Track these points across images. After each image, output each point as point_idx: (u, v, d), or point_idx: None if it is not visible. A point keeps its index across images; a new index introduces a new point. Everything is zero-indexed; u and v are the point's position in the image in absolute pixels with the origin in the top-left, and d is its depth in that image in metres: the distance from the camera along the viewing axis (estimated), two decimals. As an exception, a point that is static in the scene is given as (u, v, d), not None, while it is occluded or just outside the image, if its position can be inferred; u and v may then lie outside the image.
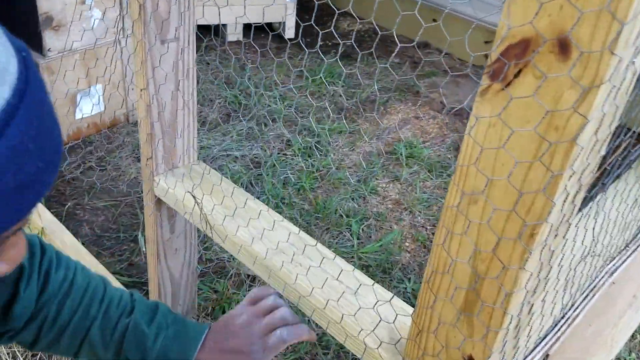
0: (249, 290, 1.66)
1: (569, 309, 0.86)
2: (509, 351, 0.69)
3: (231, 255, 1.67)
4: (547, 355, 0.80)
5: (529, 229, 0.55)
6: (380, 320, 0.77)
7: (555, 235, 0.59)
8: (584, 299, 0.89)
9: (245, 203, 0.94)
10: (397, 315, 0.76)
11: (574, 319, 0.86)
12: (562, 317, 0.84)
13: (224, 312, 1.62)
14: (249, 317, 0.78)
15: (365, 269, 1.81)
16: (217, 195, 0.97)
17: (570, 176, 0.53)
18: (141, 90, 0.90)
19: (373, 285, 0.81)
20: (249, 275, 1.71)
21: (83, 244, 1.74)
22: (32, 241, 0.74)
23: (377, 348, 0.76)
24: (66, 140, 2.08)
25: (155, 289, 1.20)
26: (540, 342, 0.80)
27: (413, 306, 0.73)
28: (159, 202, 1.03)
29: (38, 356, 1.42)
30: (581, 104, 0.48)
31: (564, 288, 0.76)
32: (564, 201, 0.55)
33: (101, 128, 2.16)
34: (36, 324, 0.74)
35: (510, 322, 0.62)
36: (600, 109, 0.49)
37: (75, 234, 1.77)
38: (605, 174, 0.64)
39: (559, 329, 0.83)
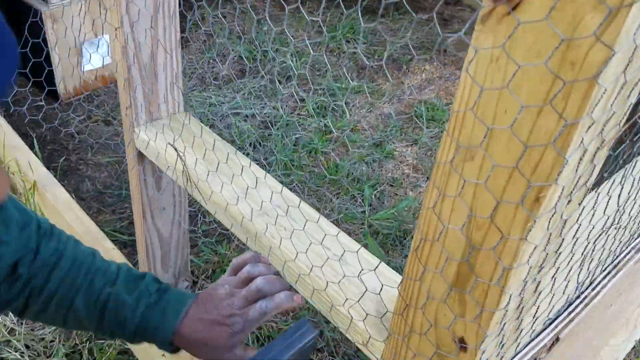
0: (252, 254, 1.60)
1: (587, 288, 0.76)
2: (510, 333, 0.60)
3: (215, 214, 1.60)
4: (558, 339, 0.70)
5: (533, 192, 0.45)
6: (365, 291, 0.68)
7: (569, 202, 0.49)
8: (605, 276, 0.78)
9: (228, 157, 0.85)
10: (382, 286, 0.67)
11: (592, 299, 0.76)
12: (578, 297, 0.74)
13: (225, 275, 1.56)
14: (230, 289, 0.76)
15: (375, 236, 1.72)
16: (199, 149, 0.88)
17: (589, 127, 0.42)
18: (115, 29, 0.81)
19: (358, 251, 0.72)
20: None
21: (84, 199, 1.69)
22: (29, 215, 0.76)
23: (363, 321, 0.68)
24: (72, 93, 2.02)
25: (143, 250, 1.13)
26: (550, 324, 0.70)
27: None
28: (140, 155, 0.96)
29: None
30: (605, 31, 0.37)
31: (581, 264, 0.66)
32: (580, 159, 0.45)
33: (108, 81, 2.09)
34: (25, 294, 0.75)
35: (509, 302, 0.52)
36: (631, 38, 0.38)
37: (77, 189, 1.72)
38: (637, 129, 0.53)
39: (573, 310, 0.73)
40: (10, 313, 1.34)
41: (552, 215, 0.48)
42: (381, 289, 0.67)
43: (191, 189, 0.86)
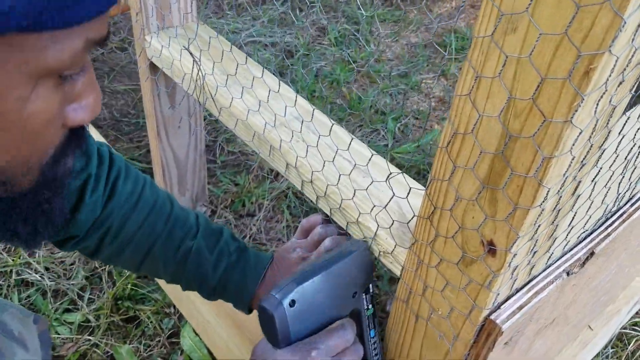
0: (270, 186, 1.57)
1: (626, 203, 0.71)
2: (543, 241, 0.55)
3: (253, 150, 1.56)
4: (592, 253, 0.65)
5: (583, 63, 0.39)
6: (392, 196, 0.64)
7: (620, 83, 0.43)
8: (647, 192, 0.72)
9: (246, 61, 0.80)
10: (410, 189, 0.62)
11: (630, 215, 0.71)
12: (617, 211, 0.69)
13: (243, 205, 1.54)
14: (302, 252, 0.74)
15: (399, 169, 1.67)
16: (214, 56, 0.83)
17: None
18: None
19: (372, 157, 0.68)
20: (272, 170, 1.61)
21: (101, 127, 1.67)
22: (101, 150, 0.71)
23: (389, 228, 0.64)
24: (89, 20, 1.97)
25: (159, 171, 1.10)
26: (585, 237, 0.66)
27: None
28: (153, 66, 0.91)
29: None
30: None
31: (623, 170, 0.60)
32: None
33: (126, 9, 2.03)
34: (99, 233, 0.72)
35: (546, 200, 0.47)
36: None
37: (94, 117, 1.69)
38: None
39: (610, 224, 0.68)
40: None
41: (602, 96, 0.42)
42: (409, 192, 0.63)
43: (205, 100, 0.82)
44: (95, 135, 1.36)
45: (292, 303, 0.60)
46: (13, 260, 1.31)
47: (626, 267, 0.95)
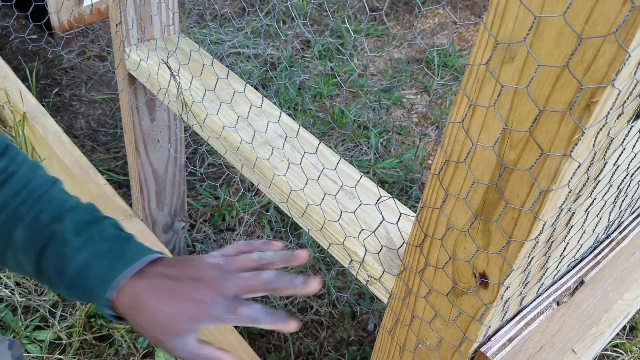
0: (251, 199, 1.54)
1: (614, 229, 0.70)
2: (535, 272, 0.54)
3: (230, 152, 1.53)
4: (582, 282, 0.64)
5: (584, 96, 0.38)
6: (382, 221, 0.62)
7: (620, 114, 0.42)
8: (635, 218, 0.72)
9: (228, 75, 0.78)
10: (400, 214, 0.60)
11: (618, 243, 0.70)
12: (606, 238, 0.68)
13: (223, 219, 1.50)
14: (225, 261, 0.58)
15: (381, 185, 1.66)
16: (194, 71, 0.80)
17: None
18: None
19: (359, 180, 0.66)
20: (252, 184, 1.58)
21: (77, 137, 1.62)
22: None
23: (378, 254, 0.62)
24: (67, 27, 1.92)
25: (137, 186, 1.07)
26: (575, 265, 0.65)
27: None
28: (131, 79, 0.88)
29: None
30: None
31: (615, 199, 0.59)
32: (645, 58, 0.38)
33: (105, 16, 1.99)
34: None
35: (541, 233, 0.46)
36: None
37: (70, 126, 1.65)
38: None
39: (599, 252, 0.67)
40: None
41: (601, 129, 0.41)
42: (399, 218, 0.61)
43: (185, 114, 0.79)
44: (70, 145, 1.31)
45: None
46: (-19, 275, 1.26)
47: (610, 291, 0.94)
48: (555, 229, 0.49)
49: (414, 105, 1.91)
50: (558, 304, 0.61)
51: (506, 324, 0.57)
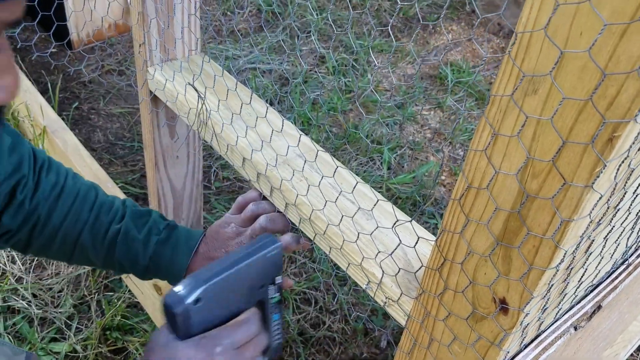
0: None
1: (632, 254, 0.70)
2: (554, 298, 0.54)
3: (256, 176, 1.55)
4: (600, 307, 0.64)
5: (607, 130, 0.38)
6: (399, 244, 0.63)
7: (641, 147, 0.43)
8: (653, 244, 0.72)
9: (251, 99, 0.79)
10: (419, 238, 0.61)
11: (636, 267, 0.70)
12: (623, 262, 0.68)
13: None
14: (236, 227, 0.76)
15: (393, 201, 1.66)
16: (219, 93, 0.82)
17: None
18: (130, -46, 0.75)
19: (376, 204, 0.67)
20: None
21: (95, 150, 1.65)
22: (20, 140, 0.74)
23: (395, 276, 0.62)
24: (85, 40, 1.96)
25: (155, 201, 1.08)
26: (592, 290, 0.65)
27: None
28: (154, 99, 0.90)
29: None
30: None
31: (633, 225, 0.60)
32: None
33: (123, 30, 2.02)
34: (28, 226, 0.73)
35: (563, 261, 0.46)
36: None
37: (88, 139, 1.67)
38: None
39: (616, 277, 0.67)
40: (17, 257, 1.31)
41: (622, 162, 0.42)
42: (417, 241, 0.61)
43: (209, 136, 0.80)
44: (89, 159, 1.34)
45: (197, 301, 0.58)
46: (0, 286, 1.28)
47: (626, 314, 0.94)
48: (575, 256, 0.49)
49: (427, 121, 1.92)
50: (575, 328, 0.61)
51: (524, 349, 0.58)
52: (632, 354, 1.34)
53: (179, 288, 0.58)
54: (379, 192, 1.71)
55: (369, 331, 1.33)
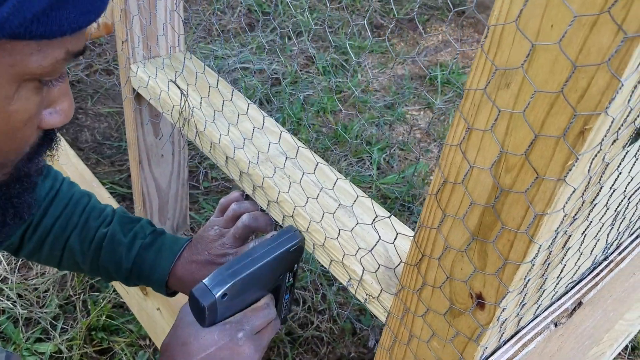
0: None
1: (613, 251, 0.70)
2: (532, 293, 0.54)
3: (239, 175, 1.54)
4: (580, 303, 0.64)
5: (578, 123, 0.38)
6: (379, 240, 0.62)
7: (614, 141, 0.43)
8: (633, 240, 0.72)
9: (232, 96, 0.79)
10: (397, 234, 0.61)
11: (617, 264, 0.70)
12: (605, 259, 0.68)
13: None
14: (219, 229, 0.77)
15: (383, 200, 1.66)
16: (201, 89, 0.81)
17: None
18: (111, -50, 0.74)
19: (356, 199, 0.66)
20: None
21: (82, 149, 1.64)
22: None
23: (375, 272, 0.62)
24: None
25: (139, 200, 1.08)
26: (573, 287, 0.65)
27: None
28: (138, 96, 0.89)
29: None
30: None
31: (612, 221, 0.60)
32: (635, 86, 0.38)
33: (112, 30, 2.01)
34: (21, 229, 0.75)
35: (537, 255, 0.46)
36: None
37: (75, 139, 1.66)
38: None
39: (598, 273, 0.67)
40: (2, 257, 1.30)
41: (595, 155, 0.42)
42: (395, 237, 0.61)
43: (192, 134, 0.80)
44: (75, 158, 1.33)
45: (224, 295, 0.62)
46: (-16, 286, 1.27)
47: (611, 312, 0.94)
48: (551, 251, 0.49)
49: (416, 121, 1.92)
50: (556, 325, 0.61)
51: (503, 345, 0.57)
52: (620, 353, 1.34)
53: (207, 282, 0.62)
54: (368, 192, 1.71)
55: (357, 331, 1.33)
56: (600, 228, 0.57)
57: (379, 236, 0.61)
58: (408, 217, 1.63)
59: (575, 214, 0.48)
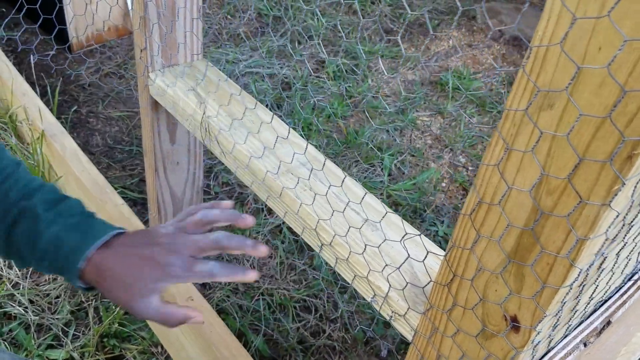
0: (265, 219, 1.54)
1: (641, 269, 0.69)
2: (565, 315, 0.53)
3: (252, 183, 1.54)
4: (609, 322, 0.63)
5: (626, 148, 0.37)
6: (407, 257, 0.61)
7: (660, 164, 0.42)
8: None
9: (250, 111, 0.78)
10: (428, 253, 0.60)
11: (645, 281, 0.69)
12: (631, 277, 0.67)
13: (237, 239, 1.50)
14: (175, 230, 0.64)
15: (394, 207, 1.65)
16: (220, 99, 0.81)
17: None
18: (133, -41, 0.73)
19: (385, 216, 0.66)
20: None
21: (93, 154, 1.63)
22: None
23: (402, 290, 0.61)
24: (84, 42, 1.94)
25: (154, 207, 1.07)
26: (601, 305, 0.64)
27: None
28: (155, 104, 0.88)
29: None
30: None
31: (645, 241, 0.59)
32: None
33: (122, 33, 2.01)
34: None
35: (577, 279, 0.45)
36: None
37: (86, 143, 1.66)
38: None
39: (625, 291, 0.66)
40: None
41: (641, 179, 0.41)
42: (426, 256, 0.60)
43: (210, 142, 0.79)
44: (86, 162, 1.32)
45: None
46: (-5, 291, 1.26)
47: (631, 326, 0.93)
48: (588, 273, 0.48)
49: (427, 127, 1.91)
50: (585, 344, 0.60)
51: (534, 366, 0.56)
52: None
53: None
54: (379, 198, 1.70)
55: (370, 340, 1.32)
56: (634, 247, 0.56)
57: (408, 254, 0.60)
58: (420, 225, 1.62)
59: (615, 237, 0.47)
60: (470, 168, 1.80)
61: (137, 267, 0.60)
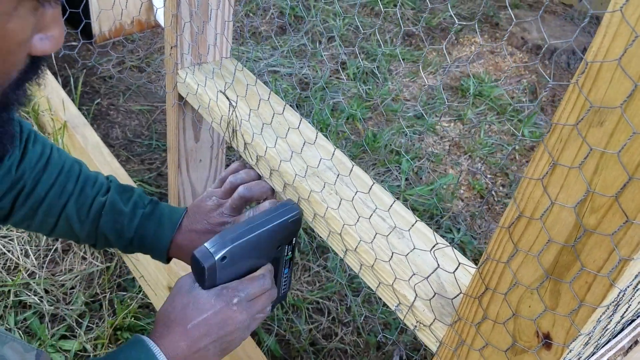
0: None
1: (672, 289, 0.68)
2: (597, 334, 0.52)
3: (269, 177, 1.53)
4: (637, 342, 0.62)
5: (681, 169, 0.36)
6: (437, 267, 0.61)
7: None
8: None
9: (284, 110, 0.77)
10: (459, 264, 0.59)
11: (674, 301, 0.67)
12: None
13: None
14: (217, 199, 0.78)
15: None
16: (250, 101, 0.80)
17: None
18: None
19: (414, 224, 0.65)
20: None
21: (112, 146, 1.64)
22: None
23: (429, 300, 0.61)
24: (107, 35, 1.95)
25: (174, 203, 1.07)
26: (629, 324, 0.63)
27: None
28: (183, 102, 0.88)
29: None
30: None
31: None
32: None
33: (145, 27, 2.01)
34: (12, 195, 0.74)
35: (616, 299, 0.44)
36: None
37: (106, 135, 1.66)
38: None
39: (655, 311, 0.65)
40: (31, 252, 1.30)
41: (690, 201, 0.40)
42: (457, 267, 0.60)
43: (237, 144, 0.79)
44: (108, 155, 1.32)
45: (223, 258, 0.66)
46: (12, 280, 1.27)
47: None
48: (625, 293, 0.48)
49: (447, 132, 1.90)
50: (613, 364, 0.59)
51: (562, 383, 0.56)
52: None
53: (209, 245, 0.66)
54: (395, 202, 1.69)
55: (382, 345, 1.31)
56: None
57: (438, 264, 0.59)
58: (436, 231, 1.60)
59: (655, 257, 0.46)
60: (488, 176, 1.79)
61: (202, 238, 0.73)
